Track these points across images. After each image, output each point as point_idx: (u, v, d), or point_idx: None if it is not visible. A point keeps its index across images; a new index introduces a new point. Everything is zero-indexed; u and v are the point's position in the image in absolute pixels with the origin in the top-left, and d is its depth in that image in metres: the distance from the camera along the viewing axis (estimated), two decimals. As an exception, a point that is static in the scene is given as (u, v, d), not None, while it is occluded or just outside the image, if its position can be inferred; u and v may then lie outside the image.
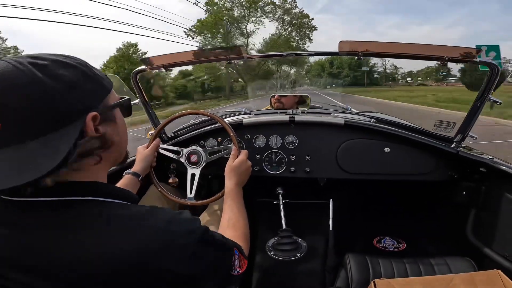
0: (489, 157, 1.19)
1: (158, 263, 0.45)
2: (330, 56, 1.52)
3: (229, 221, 0.87)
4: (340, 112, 1.68)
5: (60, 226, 0.44)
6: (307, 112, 1.47)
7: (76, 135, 0.44)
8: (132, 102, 1.42)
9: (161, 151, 1.30)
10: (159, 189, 1.25)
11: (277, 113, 1.51)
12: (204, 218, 1.23)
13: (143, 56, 1.27)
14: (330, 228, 1.41)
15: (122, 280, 0.43)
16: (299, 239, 1.38)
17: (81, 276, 0.42)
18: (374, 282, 0.71)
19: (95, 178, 0.51)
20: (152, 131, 1.38)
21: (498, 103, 1.15)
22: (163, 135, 1.48)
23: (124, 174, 1.12)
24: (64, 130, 0.44)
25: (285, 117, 1.42)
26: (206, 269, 0.52)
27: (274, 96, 1.46)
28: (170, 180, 1.36)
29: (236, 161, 1.10)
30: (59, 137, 0.43)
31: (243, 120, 1.44)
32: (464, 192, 1.29)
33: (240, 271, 0.64)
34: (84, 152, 0.47)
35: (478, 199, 1.24)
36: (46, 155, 0.41)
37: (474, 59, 1.06)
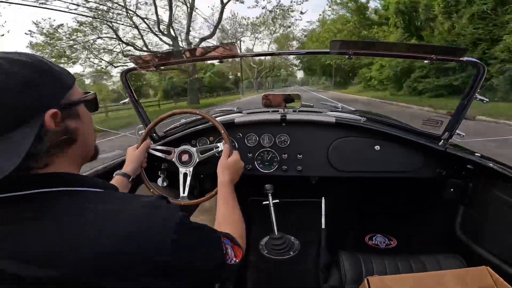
0: (476, 154, 1.22)
1: (139, 253, 0.44)
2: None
3: (223, 216, 0.86)
4: (331, 111, 1.69)
5: (31, 220, 0.43)
6: (299, 111, 1.47)
7: (34, 134, 0.43)
8: (121, 102, 1.42)
9: (152, 151, 1.28)
10: (150, 190, 1.23)
11: (269, 112, 1.51)
12: (197, 216, 1.22)
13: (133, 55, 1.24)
14: (323, 226, 1.42)
15: (102, 274, 0.42)
16: (292, 237, 1.38)
17: (55, 272, 0.40)
18: (367, 280, 0.72)
19: (66, 171, 0.50)
20: (143, 131, 1.36)
21: (485, 102, 1.18)
22: (154, 134, 1.46)
23: (114, 175, 1.10)
24: (21, 129, 0.42)
25: (277, 116, 1.42)
26: (193, 257, 0.51)
27: (264, 95, 1.46)
28: (160, 182, 1.35)
29: (230, 159, 1.09)
30: (17, 136, 0.42)
31: (235, 119, 1.43)
32: (452, 189, 1.32)
33: (236, 260, 0.63)
34: (47, 150, 0.46)
35: (466, 196, 1.27)
36: (3, 156, 0.40)
37: (461, 58, 1.08)
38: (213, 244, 0.59)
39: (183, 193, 1.22)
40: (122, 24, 17.21)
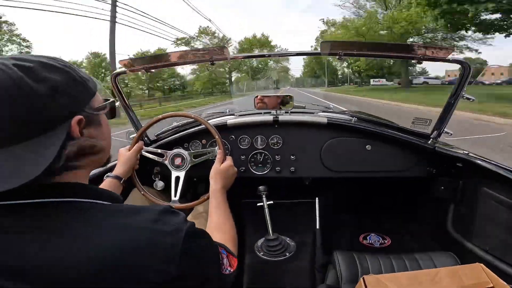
0: (465, 152, 1.24)
1: (146, 264, 0.43)
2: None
3: (215, 224, 0.86)
4: (323, 112, 1.70)
5: (40, 229, 0.42)
6: (291, 112, 1.48)
7: (62, 139, 0.43)
8: None
9: (145, 153, 1.27)
10: (142, 192, 1.21)
11: (261, 113, 1.51)
12: (190, 220, 1.21)
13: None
14: (317, 227, 1.43)
15: (109, 283, 0.41)
16: (287, 238, 1.38)
17: (62, 280, 0.40)
18: (363, 279, 0.72)
19: (77, 180, 0.50)
20: (134, 135, 1.34)
21: (471, 100, 1.20)
22: (145, 138, 1.44)
23: (105, 178, 1.08)
24: (49, 134, 0.43)
25: (269, 118, 1.42)
26: (196, 267, 0.51)
27: (257, 96, 1.46)
28: (157, 184, 1.34)
29: (223, 165, 1.09)
30: (44, 141, 0.42)
31: (228, 121, 1.43)
32: (442, 187, 1.34)
33: (231, 270, 0.64)
34: (70, 156, 0.46)
35: (456, 193, 1.29)
36: (31, 161, 0.40)
37: (447, 57, 1.10)
38: (212, 254, 0.59)
39: (175, 196, 1.21)
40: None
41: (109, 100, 0.58)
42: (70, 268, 0.40)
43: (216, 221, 0.87)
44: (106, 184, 1.05)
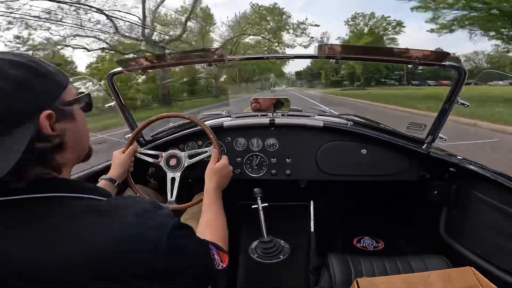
0: (458, 157, 1.25)
1: (131, 258, 0.44)
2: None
3: (207, 222, 0.86)
4: (319, 115, 1.71)
5: (24, 225, 0.42)
6: (287, 115, 1.48)
7: (30, 136, 0.43)
8: (107, 105, 1.39)
9: (139, 155, 1.26)
10: (137, 194, 1.21)
11: (257, 116, 1.51)
12: (184, 220, 1.21)
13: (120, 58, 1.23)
14: (312, 229, 1.43)
15: (95, 278, 0.41)
16: (282, 241, 1.38)
17: (48, 276, 0.40)
18: (357, 281, 0.73)
19: (59, 175, 0.50)
20: (129, 135, 1.34)
21: (466, 106, 1.22)
22: (141, 138, 1.43)
23: (99, 180, 1.07)
24: (17, 131, 0.42)
25: (266, 120, 1.42)
26: (182, 261, 0.51)
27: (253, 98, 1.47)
28: (151, 184, 1.33)
29: (218, 164, 1.09)
30: (13, 138, 0.42)
31: (224, 123, 1.43)
32: (435, 192, 1.35)
33: (224, 265, 0.64)
34: (43, 151, 0.46)
35: (449, 198, 1.30)
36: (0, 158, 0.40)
37: (443, 63, 1.11)
38: (200, 248, 0.60)
39: (171, 197, 1.21)
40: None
41: (83, 93, 0.58)
42: (54, 265, 0.40)
43: (208, 219, 0.87)
44: (100, 186, 1.05)
